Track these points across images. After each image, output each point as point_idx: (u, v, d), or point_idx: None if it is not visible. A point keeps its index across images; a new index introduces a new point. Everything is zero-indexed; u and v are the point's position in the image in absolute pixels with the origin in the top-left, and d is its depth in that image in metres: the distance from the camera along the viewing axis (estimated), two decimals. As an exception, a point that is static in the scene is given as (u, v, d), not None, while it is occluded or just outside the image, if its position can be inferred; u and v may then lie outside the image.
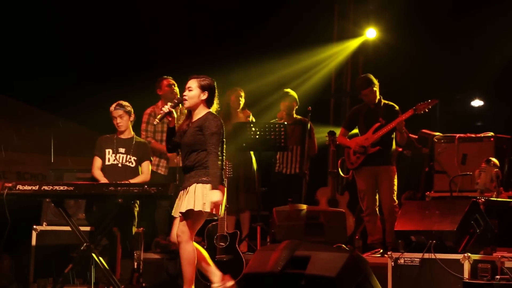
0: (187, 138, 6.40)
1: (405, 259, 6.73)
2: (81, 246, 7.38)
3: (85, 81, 10.34)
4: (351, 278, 4.44)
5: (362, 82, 8.39)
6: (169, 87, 8.92)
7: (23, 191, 7.28)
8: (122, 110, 7.84)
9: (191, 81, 6.47)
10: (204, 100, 6.45)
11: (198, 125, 6.38)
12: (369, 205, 8.27)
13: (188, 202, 6.27)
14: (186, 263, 6.35)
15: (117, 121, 7.86)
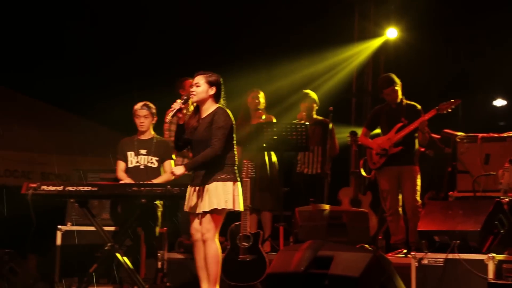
0: (200, 134, 6.40)
1: (428, 259, 6.71)
2: (106, 246, 7.44)
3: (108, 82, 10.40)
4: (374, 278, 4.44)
5: (384, 81, 8.37)
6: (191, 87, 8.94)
7: (48, 192, 7.34)
8: (148, 111, 7.89)
9: (198, 77, 6.48)
10: (212, 95, 6.47)
11: (210, 120, 6.39)
12: (392, 205, 8.25)
13: (211, 201, 6.29)
14: (212, 261, 6.35)
15: (141, 120, 7.90)
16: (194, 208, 6.42)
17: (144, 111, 7.90)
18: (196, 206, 6.40)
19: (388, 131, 8.31)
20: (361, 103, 12.12)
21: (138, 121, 7.93)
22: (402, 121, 8.24)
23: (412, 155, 8.27)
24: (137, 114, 7.92)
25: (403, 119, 8.24)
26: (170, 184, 7.46)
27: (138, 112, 7.92)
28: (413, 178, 8.16)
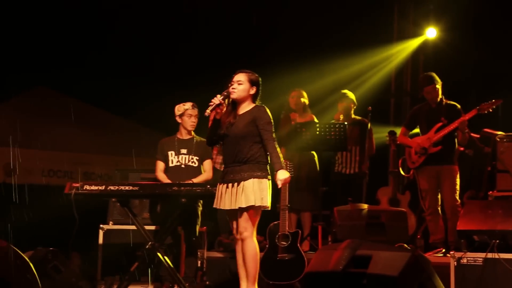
0: (239, 129, 6.37)
1: (468, 258, 6.69)
2: (147, 245, 7.53)
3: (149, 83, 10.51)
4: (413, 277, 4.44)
5: (426, 79, 8.35)
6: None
7: (90, 191, 7.44)
8: (197, 111, 7.97)
9: (240, 74, 6.46)
10: (252, 95, 6.46)
11: (250, 118, 6.38)
12: (431, 204, 8.23)
13: (248, 198, 6.25)
14: (251, 259, 6.34)
15: (192, 119, 7.95)
16: (229, 204, 6.36)
17: (195, 110, 7.96)
18: (230, 203, 6.35)
19: (428, 131, 8.29)
20: (400, 103, 12.08)
21: (190, 121, 7.97)
22: (441, 121, 8.21)
23: (452, 155, 8.24)
24: (189, 113, 7.96)
25: (442, 119, 8.22)
26: (210, 184, 7.53)
27: (190, 112, 7.96)
28: (453, 178, 8.13)
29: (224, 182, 6.42)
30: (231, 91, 6.42)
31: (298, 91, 9.26)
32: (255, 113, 6.39)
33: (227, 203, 6.37)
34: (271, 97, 9.43)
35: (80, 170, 11.13)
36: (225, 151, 6.49)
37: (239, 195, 6.29)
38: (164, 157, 8.00)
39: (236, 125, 6.40)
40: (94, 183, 7.56)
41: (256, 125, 6.36)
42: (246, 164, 6.32)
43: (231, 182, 6.36)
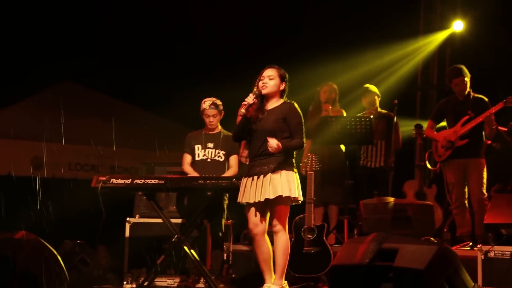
0: (269, 124, 6.37)
1: (495, 252, 6.67)
2: (173, 238, 7.57)
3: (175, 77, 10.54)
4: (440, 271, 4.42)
5: (454, 71, 8.31)
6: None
7: (117, 185, 7.48)
8: (216, 110, 7.97)
9: (270, 69, 6.45)
10: (281, 91, 6.48)
11: (280, 114, 6.38)
12: (457, 198, 8.20)
13: (276, 189, 6.24)
14: (282, 252, 6.36)
15: (210, 120, 7.98)
16: (254, 197, 6.35)
17: (212, 110, 7.97)
18: (255, 195, 6.34)
19: (455, 124, 8.25)
20: (426, 97, 12.03)
21: (208, 120, 8.00)
22: (468, 114, 8.17)
23: (479, 148, 8.20)
24: (206, 113, 7.99)
25: (469, 112, 8.18)
26: (236, 177, 7.55)
27: (207, 112, 7.98)
28: (480, 171, 8.09)
29: (250, 175, 6.41)
30: (262, 86, 6.41)
31: (331, 86, 9.26)
32: (286, 111, 6.40)
33: (252, 196, 6.35)
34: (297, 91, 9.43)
35: (106, 163, 11.20)
36: (252, 145, 6.48)
37: (266, 187, 6.28)
38: (191, 150, 8.03)
39: (266, 120, 6.39)
40: (121, 177, 7.61)
41: (287, 123, 6.38)
42: (273, 157, 6.31)
43: (257, 175, 6.35)
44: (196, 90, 8.38)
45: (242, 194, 6.44)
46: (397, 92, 10.05)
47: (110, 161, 11.19)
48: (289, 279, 7.78)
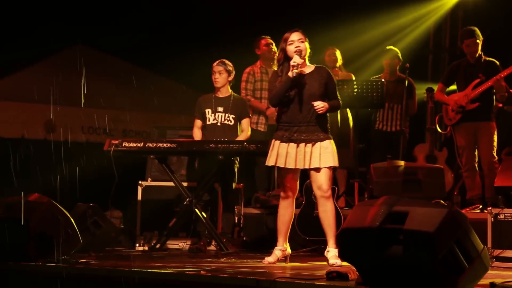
0: (316, 89, 6.38)
1: (505, 214, 6.69)
2: (185, 201, 7.63)
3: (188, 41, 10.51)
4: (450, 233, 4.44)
5: (467, 32, 8.26)
6: (267, 46, 9.05)
7: (129, 148, 7.55)
8: (223, 67, 7.97)
9: (298, 33, 6.42)
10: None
11: (322, 78, 6.42)
12: (468, 161, 8.21)
13: (328, 159, 6.36)
14: (333, 217, 6.45)
15: (215, 76, 7.99)
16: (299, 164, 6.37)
17: (219, 67, 7.98)
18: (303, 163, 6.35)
19: (465, 87, 8.24)
20: (438, 60, 11.97)
21: (213, 77, 8.01)
22: (479, 77, 8.15)
23: (489, 111, 8.19)
24: (213, 70, 8.02)
25: (480, 75, 8.15)
26: (247, 141, 7.59)
27: (214, 69, 8.01)
28: (490, 134, 8.09)
29: (292, 141, 6.39)
30: (297, 49, 6.36)
31: (333, 49, 9.26)
32: (325, 75, 6.46)
33: (299, 162, 6.37)
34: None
35: (119, 127, 11.23)
36: (293, 110, 6.41)
37: (316, 156, 6.34)
38: (202, 115, 8.05)
39: (311, 85, 6.40)
40: (133, 140, 7.67)
41: (326, 88, 6.44)
42: (319, 125, 6.38)
43: (304, 142, 6.37)
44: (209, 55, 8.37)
45: (281, 159, 6.39)
46: (409, 55, 10.00)
47: (122, 124, 11.22)
48: (300, 242, 7.86)
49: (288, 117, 6.43)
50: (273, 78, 6.54)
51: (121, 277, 5.51)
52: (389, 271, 4.57)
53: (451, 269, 4.44)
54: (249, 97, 8.98)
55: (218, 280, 5.28)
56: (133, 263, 6.12)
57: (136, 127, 11.33)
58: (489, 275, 4.89)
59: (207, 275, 5.41)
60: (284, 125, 6.44)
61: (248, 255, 7.37)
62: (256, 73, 9.08)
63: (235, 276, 5.28)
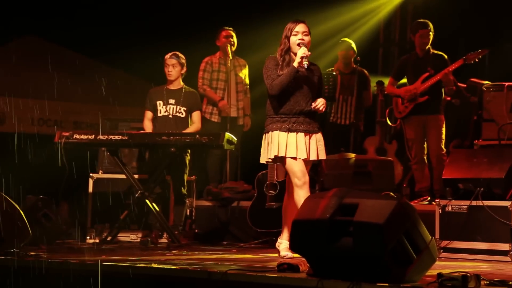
0: (313, 83, 6.38)
1: (452, 206, 6.80)
2: (136, 194, 7.61)
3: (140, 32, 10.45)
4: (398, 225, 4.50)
5: (421, 23, 8.35)
6: (226, 38, 9.05)
7: (80, 140, 7.51)
8: (176, 60, 7.97)
9: (304, 25, 6.34)
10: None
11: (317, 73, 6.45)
12: (417, 153, 8.33)
13: (323, 152, 6.40)
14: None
15: (169, 69, 7.99)
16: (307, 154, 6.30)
17: (172, 60, 7.98)
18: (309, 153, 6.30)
19: (415, 81, 8.34)
20: (388, 53, 12.09)
21: (166, 70, 8.01)
22: (428, 71, 8.26)
23: (438, 104, 8.31)
24: (166, 63, 8.01)
25: (429, 69, 8.27)
26: (200, 134, 7.59)
27: (167, 61, 8.01)
28: (439, 127, 8.22)
29: (295, 131, 6.29)
30: (301, 42, 6.28)
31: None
32: (319, 72, 6.49)
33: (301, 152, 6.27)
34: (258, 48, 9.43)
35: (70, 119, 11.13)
36: (292, 101, 6.30)
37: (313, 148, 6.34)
38: (153, 106, 8.04)
39: (310, 78, 6.38)
40: (84, 132, 7.64)
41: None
42: (313, 117, 6.39)
43: (306, 132, 6.32)
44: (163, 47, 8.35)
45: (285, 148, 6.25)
46: (360, 48, 10.07)
47: (74, 116, 11.12)
48: (251, 234, 7.90)
49: (286, 109, 6.31)
50: (271, 65, 6.36)
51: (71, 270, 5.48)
52: (339, 262, 4.63)
53: (399, 260, 4.51)
54: (205, 86, 9.00)
55: (169, 272, 5.28)
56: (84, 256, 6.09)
57: (87, 119, 11.23)
58: (437, 265, 4.98)
59: (158, 267, 5.40)
60: (281, 117, 6.32)
61: (200, 248, 7.38)
62: (214, 63, 9.09)
63: (187, 268, 5.29)
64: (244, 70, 9.20)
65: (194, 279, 5.12)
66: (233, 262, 5.97)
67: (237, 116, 9.12)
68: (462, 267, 5.64)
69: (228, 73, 9.02)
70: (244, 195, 8.43)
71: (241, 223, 8.12)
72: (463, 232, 6.68)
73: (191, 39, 9.13)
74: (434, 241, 4.72)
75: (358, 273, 4.50)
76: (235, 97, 9.09)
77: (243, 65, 9.21)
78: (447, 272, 4.45)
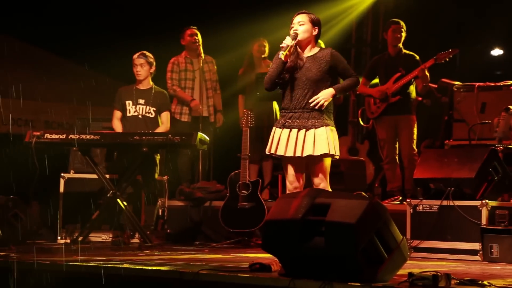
0: (314, 73, 5.98)
1: (423, 206, 6.84)
2: (108, 194, 7.57)
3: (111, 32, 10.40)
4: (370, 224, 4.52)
5: (393, 20, 8.42)
6: (190, 37, 9.03)
7: (51, 140, 7.45)
8: (144, 60, 7.95)
9: (301, 15, 6.11)
10: (314, 36, 6.10)
11: (325, 62, 6.00)
12: (389, 153, 8.37)
13: (322, 146, 5.90)
14: None
15: (137, 69, 7.96)
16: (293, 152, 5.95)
17: (140, 59, 7.95)
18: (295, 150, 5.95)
19: (386, 81, 8.39)
20: (360, 54, 12.14)
21: (135, 70, 7.98)
22: (400, 71, 8.31)
23: (410, 105, 8.37)
24: (134, 63, 7.99)
25: (400, 69, 8.32)
26: (172, 133, 7.57)
27: (135, 61, 7.98)
28: (410, 127, 8.27)
29: (287, 127, 6.01)
30: (293, 33, 6.04)
31: (262, 40, 9.28)
32: (329, 58, 6.02)
33: (290, 150, 5.97)
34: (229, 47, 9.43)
35: (41, 118, 11.05)
36: (292, 95, 6.04)
37: (309, 143, 5.94)
38: (122, 106, 8.01)
39: (309, 68, 6.02)
40: (55, 132, 7.59)
41: (333, 69, 6.04)
42: (316, 111, 5.97)
43: (298, 128, 5.98)
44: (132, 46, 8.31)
45: (275, 146, 6.02)
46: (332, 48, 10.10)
47: (45, 116, 11.03)
48: (224, 234, 7.90)
49: (285, 103, 6.10)
50: (274, 59, 6.16)
51: (42, 270, 5.44)
52: (311, 262, 4.64)
53: (371, 260, 4.52)
54: (175, 87, 8.97)
55: (141, 272, 5.26)
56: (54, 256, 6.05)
57: (58, 119, 11.15)
58: (408, 265, 5.01)
59: (130, 267, 5.38)
60: (282, 111, 6.12)
61: (172, 248, 7.36)
62: (180, 63, 9.07)
63: (159, 269, 5.28)
64: (211, 66, 9.19)
65: (166, 279, 5.11)
66: (205, 262, 5.96)
67: (208, 114, 9.11)
68: (432, 266, 5.69)
69: (195, 71, 9.01)
70: (216, 195, 8.42)
71: (214, 223, 8.11)
72: (434, 232, 6.73)
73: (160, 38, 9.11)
74: (405, 240, 4.74)
75: (330, 272, 4.52)
76: (205, 95, 9.07)
77: (210, 62, 9.20)
78: (418, 272, 4.47)
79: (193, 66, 9.03)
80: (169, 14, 10.49)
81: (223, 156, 9.52)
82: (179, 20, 9.74)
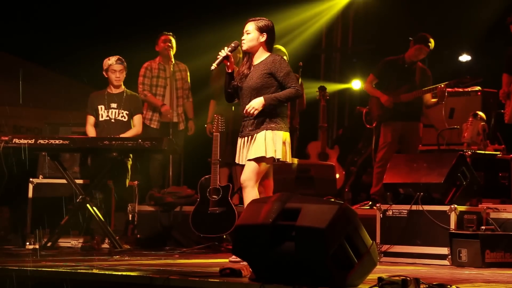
0: (253, 81, 6.04)
1: (393, 210, 6.88)
2: (77, 199, 7.53)
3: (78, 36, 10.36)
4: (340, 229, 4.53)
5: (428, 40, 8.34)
6: (164, 43, 9.01)
7: (19, 145, 7.40)
8: (123, 66, 7.92)
9: (248, 24, 6.14)
10: (263, 42, 6.12)
11: (265, 68, 6.03)
12: (385, 156, 8.27)
13: (259, 149, 5.96)
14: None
15: (117, 75, 7.90)
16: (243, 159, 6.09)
17: (119, 66, 7.90)
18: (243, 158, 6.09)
19: (396, 88, 8.36)
20: (330, 59, 12.21)
21: (114, 76, 7.92)
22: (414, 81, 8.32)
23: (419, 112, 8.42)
24: (113, 69, 7.91)
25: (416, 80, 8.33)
26: (141, 138, 7.55)
27: (113, 67, 7.91)
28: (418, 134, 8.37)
29: (241, 136, 6.15)
30: (241, 42, 6.11)
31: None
32: (270, 65, 6.04)
33: (241, 157, 6.11)
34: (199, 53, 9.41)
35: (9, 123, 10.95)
36: (241, 104, 6.13)
37: (251, 148, 6.02)
38: (94, 111, 7.98)
39: (251, 77, 6.08)
40: (24, 137, 7.54)
41: (274, 76, 6.04)
42: (260, 117, 6.00)
43: (247, 136, 6.09)
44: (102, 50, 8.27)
45: (238, 155, 6.16)
46: (302, 54, 10.15)
47: (13, 120, 10.94)
48: (194, 239, 7.88)
49: (240, 112, 6.19)
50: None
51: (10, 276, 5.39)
52: (281, 267, 4.64)
53: (341, 265, 4.54)
54: (146, 92, 8.95)
55: (110, 278, 5.23)
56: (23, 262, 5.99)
57: (27, 123, 11.07)
58: (378, 270, 5.03)
59: (99, 273, 5.35)
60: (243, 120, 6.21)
61: (142, 253, 7.34)
62: (153, 69, 9.05)
63: (128, 274, 5.25)
64: (184, 75, 9.18)
65: (136, 285, 5.08)
66: (175, 267, 5.95)
67: (178, 121, 9.09)
68: (402, 271, 5.71)
69: (167, 78, 8.99)
70: (187, 200, 8.41)
71: (184, 228, 8.09)
72: (403, 237, 6.76)
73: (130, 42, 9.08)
74: (375, 245, 4.77)
75: (300, 277, 4.52)
76: (176, 103, 9.05)
77: (183, 70, 9.19)
78: (387, 276, 4.49)
79: (166, 74, 9.01)
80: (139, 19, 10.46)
81: (193, 161, 9.51)
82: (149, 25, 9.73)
